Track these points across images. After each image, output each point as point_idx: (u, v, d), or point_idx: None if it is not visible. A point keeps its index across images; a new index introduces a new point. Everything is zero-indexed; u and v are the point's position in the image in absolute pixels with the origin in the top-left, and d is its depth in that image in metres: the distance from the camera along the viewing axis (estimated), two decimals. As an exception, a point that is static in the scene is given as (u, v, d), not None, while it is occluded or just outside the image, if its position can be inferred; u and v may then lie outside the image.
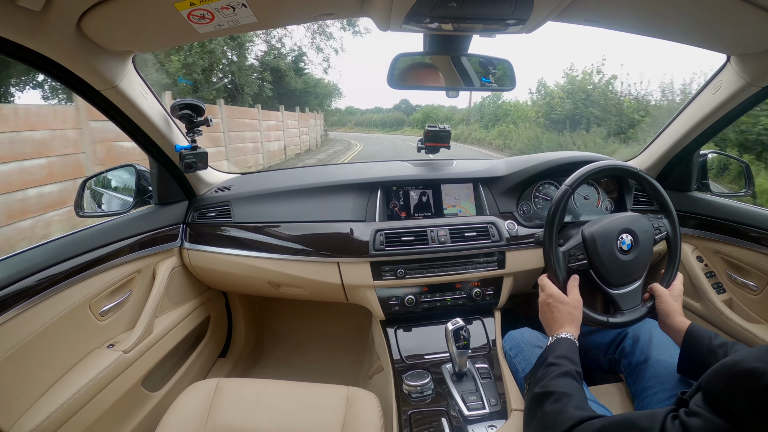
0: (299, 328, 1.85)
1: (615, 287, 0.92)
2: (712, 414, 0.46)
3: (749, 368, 0.44)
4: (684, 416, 0.48)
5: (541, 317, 0.88)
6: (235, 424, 0.88)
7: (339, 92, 22.43)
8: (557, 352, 0.75)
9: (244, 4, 0.70)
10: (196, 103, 1.10)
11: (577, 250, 0.92)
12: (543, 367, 0.74)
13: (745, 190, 1.37)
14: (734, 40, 0.89)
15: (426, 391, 0.97)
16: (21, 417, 0.80)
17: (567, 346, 0.77)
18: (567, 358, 0.74)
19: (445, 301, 1.21)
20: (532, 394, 0.71)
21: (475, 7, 0.72)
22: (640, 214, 0.97)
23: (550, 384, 0.69)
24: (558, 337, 0.80)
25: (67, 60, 0.80)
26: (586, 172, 0.94)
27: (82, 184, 1.18)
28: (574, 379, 0.70)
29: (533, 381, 0.74)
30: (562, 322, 0.82)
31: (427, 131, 1.36)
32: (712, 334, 0.79)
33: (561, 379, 0.69)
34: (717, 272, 1.28)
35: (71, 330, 0.93)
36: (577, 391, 0.67)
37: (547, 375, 0.71)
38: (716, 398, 0.47)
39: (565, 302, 0.85)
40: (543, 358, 0.77)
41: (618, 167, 0.98)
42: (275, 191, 1.31)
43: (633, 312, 0.91)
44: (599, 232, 0.91)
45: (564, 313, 0.83)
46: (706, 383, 0.50)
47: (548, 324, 0.85)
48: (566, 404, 0.64)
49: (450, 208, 1.31)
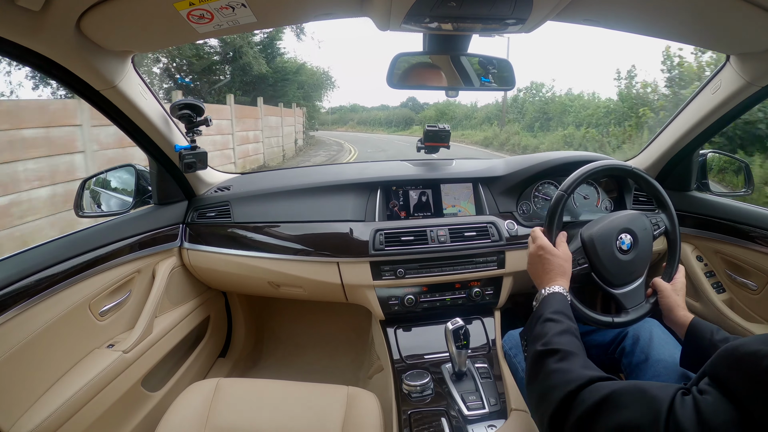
0: (299, 328, 1.85)
1: (617, 287, 0.91)
2: (719, 393, 0.46)
3: (751, 351, 0.44)
4: (696, 393, 0.48)
5: (531, 269, 0.86)
6: (235, 424, 0.88)
7: (332, 82, 17.65)
8: (553, 308, 0.73)
9: (243, 4, 0.70)
10: (195, 103, 1.10)
11: (577, 255, 0.90)
12: (540, 322, 0.71)
13: (744, 189, 1.37)
14: (734, 39, 0.89)
15: (426, 390, 0.98)
16: (21, 417, 0.80)
17: (561, 301, 0.75)
18: (564, 314, 0.72)
19: (444, 301, 1.21)
20: (534, 351, 0.68)
21: (475, 6, 0.72)
22: (637, 212, 0.96)
23: (553, 341, 0.66)
24: (550, 290, 0.78)
25: (67, 60, 0.80)
26: (580, 175, 0.92)
27: (82, 184, 1.18)
28: (575, 337, 0.68)
29: (532, 338, 0.71)
30: (553, 274, 0.81)
31: (426, 131, 1.36)
32: (714, 329, 0.79)
33: (563, 336, 0.67)
34: (717, 272, 1.28)
35: (71, 330, 0.93)
36: (580, 351, 0.65)
37: (548, 331, 0.68)
38: (721, 379, 0.47)
39: (556, 254, 0.83)
40: (538, 313, 0.74)
41: (612, 167, 0.96)
42: (275, 191, 1.31)
43: (637, 309, 0.91)
44: (598, 234, 0.90)
45: (555, 266, 0.81)
46: (710, 367, 0.49)
47: (539, 276, 0.83)
48: (573, 363, 0.62)
49: (450, 207, 1.31)
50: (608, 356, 1.03)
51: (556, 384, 0.59)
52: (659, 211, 0.99)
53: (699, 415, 0.45)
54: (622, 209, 1.32)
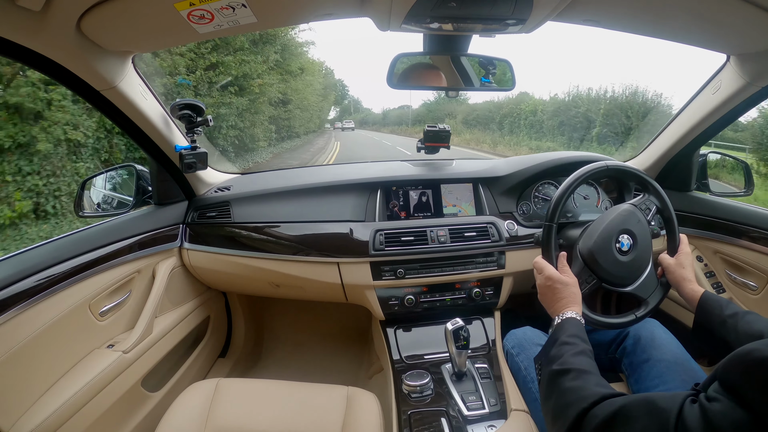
0: (299, 328, 1.85)
1: (630, 285, 0.90)
2: (730, 401, 0.46)
3: (763, 357, 0.44)
4: (704, 400, 0.49)
5: (542, 299, 0.87)
6: (235, 424, 0.88)
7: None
8: (568, 332, 0.75)
9: (243, 4, 0.70)
10: (195, 103, 1.10)
11: (583, 274, 0.89)
12: (556, 345, 0.73)
13: (744, 190, 1.37)
14: (734, 39, 0.89)
15: (426, 391, 0.97)
16: (21, 417, 0.79)
17: (576, 325, 0.77)
18: (579, 337, 0.73)
19: (444, 301, 1.21)
20: (549, 371, 0.70)
21: (475, 7, 0.72)
22: (626, 206, 0.93)
23: (568, 361, 0.68)
24: (564, 317, 0.79)
25: (67, 60, 0.80)
26: (558, 198, 0.92)
27: (82, 184, 1.18)
28: (589, 357, 0.70)
29: (547, 360, 0.73)
30: (565, 302, 0.82)
31: (426, 131, 1.36)
32: (724, 303, 0.79)
33: (578, 357, 0.69)
34: (717, 272, 1.28)
35: (71, 330, 0.93)
36: (594, 369, 0.67)
37: (563, 353, 0.70)
38: (733, 385, 0.47)
39: (565, 282, 0.84)
40: (554, 337, 0.76)
41: (594, 171, 0.94)
42: (275, 191, 1.31)
43: (655, 295, 0.90)
44: (596, 246, 0.89)
45: (567, 293, 0.83)
46: (722, 372, 0.50)
47: (551, 305, 0.84)
48: (586, 381, 0.63)
49: (450, 207, 1.31)
50: (609, 356, 1.03)
51: (571, 401, 0.61)
52: (644, 194, 0.97)
53: (707, 422, 0.46)
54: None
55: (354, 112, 50.40)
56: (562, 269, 0.87)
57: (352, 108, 52.14)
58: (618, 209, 0.94)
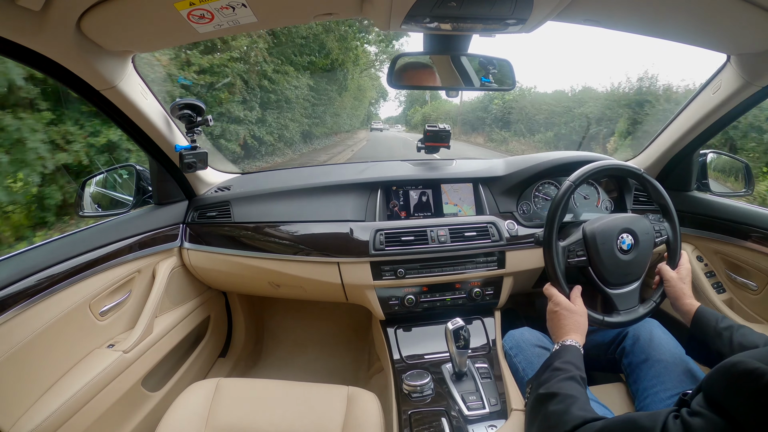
0: (299, 328, 1.85)
1: (613, 287, 0.92)
2: (713, 414, 0.46)
3: (749, 369, 0.44)
4: (686, 415, 0.49)
5: (549, 325, 0.89)
6: (235, 424, 0.88)
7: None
8: (563, 358, 0.76)
9: (243, 3, 0.70)
10: (195, 103, 1.10)
11: (576, 246, 0.92)
12: (548, 370, 0.75)
13: (745, 190, 1.37)
14: (734, 39, 0.89)
15: (426, 390, 0.98)
16: (21, 417, 0.80)
17: (573, 352, 0.78)
18: (572, 363, 0.75)
19: (444, 301, 1.21)
20: (535, 395, 0.72)
21: (475, 6, 0.72)
22: (641, 215, 0.97)
23: (554, 386, 0.70)
24: (564, 343, 0.81)
25: (67, 60, 0.80)
26: (590, 169, 0.93)
27: (82, 183, 1.18)
28: (579, 383, 0.71)
29: (537, 384, 0.74)
30: (568, 329, 0.84)
31: (426, 131, 1.36)
32: (719, 317, 0.81)
33: (566, 382, 0.70)
34: (717, 272, 1.28)
35: (71, 330, 0.93)
36: (581, 394, 0.68)
37: (552, 378, 0.72)
38: (716, 398, 0.47)
39: (573, 311, 0.86)
40: (548, 362, 0.78)
41: (621, 168, 0.97)
42: (275, 191, 1.31)
43: (629, 313, 0.92)
44: (600, 230, 0.91)
45: (571, 321, 0.85)
46: (707, 384, 0.50)
47: (555, 331, 0.87)
48: (570, 405, 0.64)
49: (450, 207, 1.31)
50: (608, 356, 1.03)
51: (552, 425, 0.63)
52: (663, 220, 1.00)
53: None
54: (622, 209, 1.33)
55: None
56: (574, 300, 0.88)
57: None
58: (636, 214, 0.97)
